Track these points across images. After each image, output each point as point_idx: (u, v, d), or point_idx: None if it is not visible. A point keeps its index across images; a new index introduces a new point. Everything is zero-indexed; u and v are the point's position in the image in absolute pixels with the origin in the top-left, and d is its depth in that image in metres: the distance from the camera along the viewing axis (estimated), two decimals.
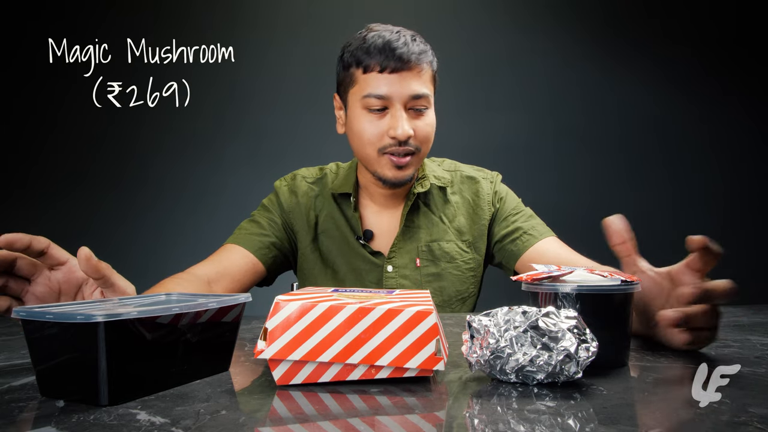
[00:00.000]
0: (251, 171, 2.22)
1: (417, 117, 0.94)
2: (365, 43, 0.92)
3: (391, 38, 0.91)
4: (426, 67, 0.94)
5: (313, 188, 1.08)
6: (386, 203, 1.05)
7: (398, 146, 0.93)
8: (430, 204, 1.06)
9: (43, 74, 2.19)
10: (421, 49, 0.93)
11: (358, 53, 0.93)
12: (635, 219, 2.53)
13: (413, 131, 0.93)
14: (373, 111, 0.93)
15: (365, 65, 0.92)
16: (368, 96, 0.92)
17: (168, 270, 2.27)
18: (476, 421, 0.39)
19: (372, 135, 0.93)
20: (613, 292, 0.54)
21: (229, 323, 0.53)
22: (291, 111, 2.26)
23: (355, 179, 1.05)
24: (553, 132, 2.30)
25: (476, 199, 1.08)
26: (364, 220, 1.05)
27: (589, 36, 2.32)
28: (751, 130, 2.32)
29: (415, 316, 0.47)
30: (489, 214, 1.07)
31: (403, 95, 0.91)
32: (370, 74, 0.92)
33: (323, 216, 1.06)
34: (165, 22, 2.24)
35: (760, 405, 0.41)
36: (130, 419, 0.39)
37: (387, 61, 0.90)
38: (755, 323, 0.81)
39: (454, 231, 1.05)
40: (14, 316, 0.44)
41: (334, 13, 2.28)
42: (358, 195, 1.06)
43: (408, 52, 0.90)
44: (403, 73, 0.91)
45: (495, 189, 1.09)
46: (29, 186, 2.19)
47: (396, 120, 0.91)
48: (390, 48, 0.90)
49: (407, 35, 0.93)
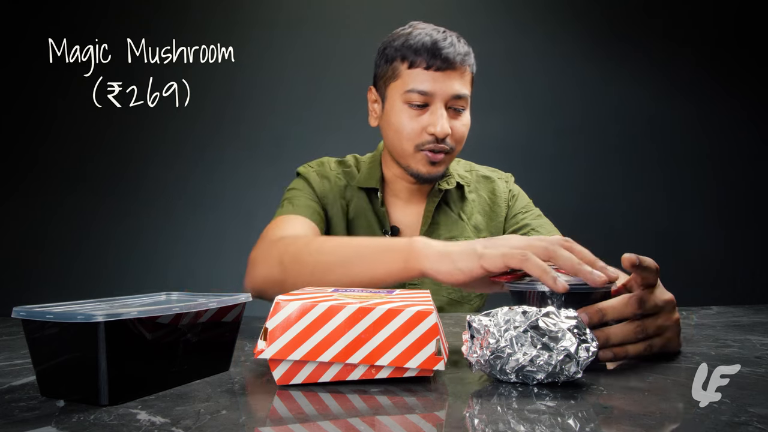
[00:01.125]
0: (251, 171, 2.22)
1: (455, 117, 0.96)
2: (412, 39, 0.95)
3: (438, 38, 0.93)
4: (468, 69, 0.96)
5: (341, 178, 1.07)
6: (410, 199, 1.06)
7: (435, 143, 0.94)
8: (449, 201, 1.08)
9: (43, 74, 2.19)
10: (465, 51, 0.95)
11: (404, 49, 0.95)
12: (634, 219, 2.54)
13: (451, 130, 0.94)
14: (413, 106, 0.95)
15: (411, 61, 0.94)
16: (411, 91, 0.94)
17: (168, 269, 2.27)
18: (476, 421, 0.39)
19: (411, 130, 0.95)
20: (591, 290, 0.54)
21: (230, 323, 0.53)
22: (291, 111, 2.26)
23: (380, 173, 1.06)
24: (552, 132, 2.30)
25: (493, 197, 1.10)
26: (390, 214, 1.06)
27: (589, 36, 2.32)
28: (751, 130, 2.32)
29: (415, 316, 0.47)
30: (505, 211, 1.10)
31: (445, 93, 0.93)
32: (416, 70, 0.94)
33: (353, 206, 1.05)
34: (165, 22, 2.24)
35: (760, 405, 0.41)
36: (130, 419, 0.39)
37: (434, 60, 0.92)
38: (755, 323, 0.81)
39: (471, 228, 1.07)
40: (14, 316, 0.44)
41: (334, 14, 2.28)
42: (384, 190, 1.07)
43: (454, 53, 0.93)
44: (448, 72, 0.93)
45: (509, 188, 1.12)
46: (29, 186, 2.18)
47: (436, 117, 0.93)
48: (437, 47, 0.92)
49: (453, 36, 0.96)
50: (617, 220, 2.24)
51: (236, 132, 2.25)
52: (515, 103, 2.29)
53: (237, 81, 2.26)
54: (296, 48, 2.27)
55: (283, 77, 2.26)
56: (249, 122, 2.25)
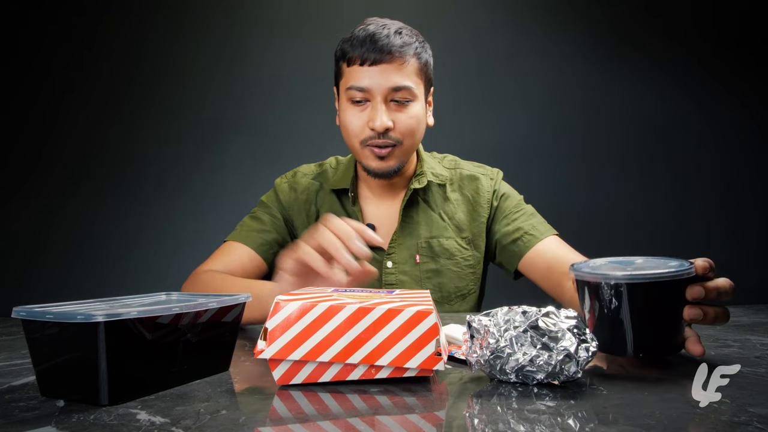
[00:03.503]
0: (251, 171, 2.22)
1: (399, 109, 0.95)
2: (352, 36, 0.95)
3: (375, 31, 0.93)
4: (410, 59, 0.94)
5: (314, 183, 1.09)
6: (384, 194, 1.06)
7: (378, 138, 0.94)
8: (429, 200, 1.06)
9: (43, 74, 2.19)
10: (404, 41, 0.93)
11: (344, 46, 0.95)
12: (634, 219, 2.54)
13: (393, 123, 0.94)
14: (355, 103, 0.95)
15: (348, 58, 0.94)
16: (351, 88, 0.94)
17: (168, 269, 2.27)
18: (476, 421, 0.39)
19: (355, 127, 0.95)
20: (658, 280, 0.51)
21: (229, 323, 0.53)
22: (291, 111, 2.26)
23: (354, 172, 1.06)
24: (552, 132, 2.30)
25: (476, 197, 1.08)
26: (364, 212, 1.06)
27: (590, 36, 2.32)
28: (753, 129, 2.31)
29: (415, 316, 0.47)
30: (488, 211, 1.07)
31: (382, 87, 0.92)
32: (353, 67, 0.94)
33: (324, 210, 1.06)
34: (165, 21, 2.24)
35: (760, 405, 0.41)
36: (130, 419, 0.39)
37: (367, 53, 0.92)
38: (755, 323, 0.81)
39: (453, 228, 1.06)
40: (14, 316, 0.44)
41: (334, 13, 2.28)
42: (357, 187, 1.07)
43: (389, 45, 0.92)
44: (383, 65, 0.92)
45: (495, 187, 1.09)
46: (29, 186, 2.18)
47: (375, 112, 0.93)
48: (372, 40, 0.92)
49: (393, 27, 0.94)
50: (618, 221, 2.23)
51: (236, 132, 2.25)
52: (515, 103, 2.29)
53: (237, 81, 2.25)
54: (296, 48, 2.27)
55: (283, 77, 2.26)
56: (249, 122, 2.25)
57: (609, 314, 0.53)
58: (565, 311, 0.48)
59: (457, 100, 2.22)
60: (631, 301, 0.52)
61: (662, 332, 0.54)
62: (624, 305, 0.52)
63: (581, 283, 0.56)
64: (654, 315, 0.53)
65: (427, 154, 1.12)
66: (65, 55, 2.21)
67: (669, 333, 0.54)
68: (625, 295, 0.52)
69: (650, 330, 0.53)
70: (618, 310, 0.52)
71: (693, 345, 0.54)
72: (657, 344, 0.54)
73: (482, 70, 2.28)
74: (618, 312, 0.52)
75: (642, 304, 0.52)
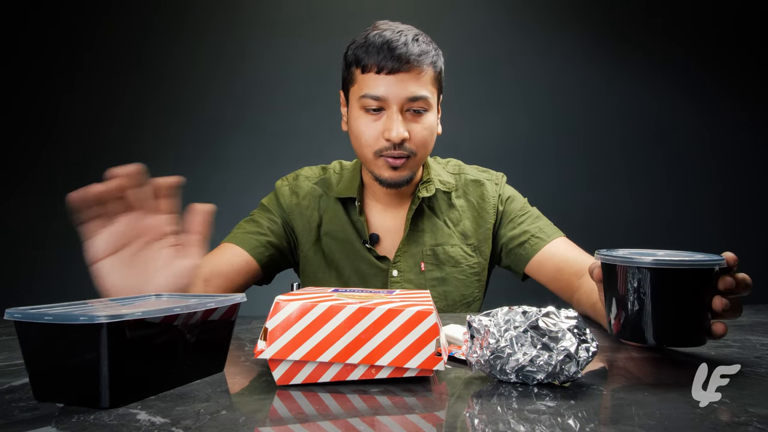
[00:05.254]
0: (251, 171, 2.22)
1: (414, 119, 0.92)
2: (366, 41, 0.91)
3: (391, 38, 0.89)
4: (427, 68, 0.91)
5: (317, 189, 1.06)
6: (391, 203, 1.03)
7: (393, 149, 0.91)
8: (435, 208, 1.04)
9: (43, 74, 2.19)
10: (421, 50, 0.90)
11: (358, 52, 0.91)
12: (635, 219, 2.54)
13: (409, 134, 0.91)
14: (369, 111, 0.92)
15: (363, 65, 0.91)
16: (365, 96, 0.91)
17: None
18: (476, 421, 0.39)
19: (369, 137, 0.92)
20: (692, 267, 0.51)
21: (225, 323, 0.53)
22: (291, 111, 2.26)
23: (359, 180, 1.04)
24: (553, 132, 2.30)
25: (481, 203, 1.06)
26: (370, 221, 1.03)
27: (590, 36, 2.32)
28: (752, 130, 2.31)
29: (415, 316, 0.47)
30: (494, 217, 1.06)
31: (399, 97, 0.90)
32: (368, 74, 0.90)
33: (328, 217, 1.04)
34: (165, 21, 2.24)
35: (760, 405, 0.41)
36: (130, 419, 0.39)
37: (385, 62, 0.88)
38: (755, 323, 0.81)
39: (458, 235, 1.04)
40: (7, 318, 0.43)
41: (334, 13, 2.28)
42: (363, 196, 1.04)
43: (407, 53, 0.88)
44: (401, 75, 0.89)
45: (500, 191, 1.08)
46: (29, 186, 2.19)
47: (391, 122, 0.90)
48: (389, 48, 0.88)
49: (409, 35, 0.91)
50: (618, 221, 2.23)
51: (236, 132, 2.25)
52: (515, 103, 2.29)
53: (237, 81, 2.25)
54: (296, 48, 2.27)
55: (283, 77, 2.26)
56: (249, 122, 2.25)
57: (636, 300, 0.52)
58: (566, 311, 0.48)
59: (457, 101, 2.22)
60: (663, 287, 0.51)
61: (688, 321, 0.53)
62: (654, 291, 0.51)
63: (609, 268, 0.55)
64: (683, 303, 0.52)
65: (432, 159, 1.10)
66: (65, 55, 2.21)
67: (695, 322, 0.53)
68: (658, 281, 0.51)
69: (677, 318, 0.52)
70: (646, 295, 0.52)
71: (717, 325, 0.54)
72: (681, 333, 0.54)
73: (483, 70, 2.28)
74: (645, 298, 0.52)
75: (672, 291, 0.52)
